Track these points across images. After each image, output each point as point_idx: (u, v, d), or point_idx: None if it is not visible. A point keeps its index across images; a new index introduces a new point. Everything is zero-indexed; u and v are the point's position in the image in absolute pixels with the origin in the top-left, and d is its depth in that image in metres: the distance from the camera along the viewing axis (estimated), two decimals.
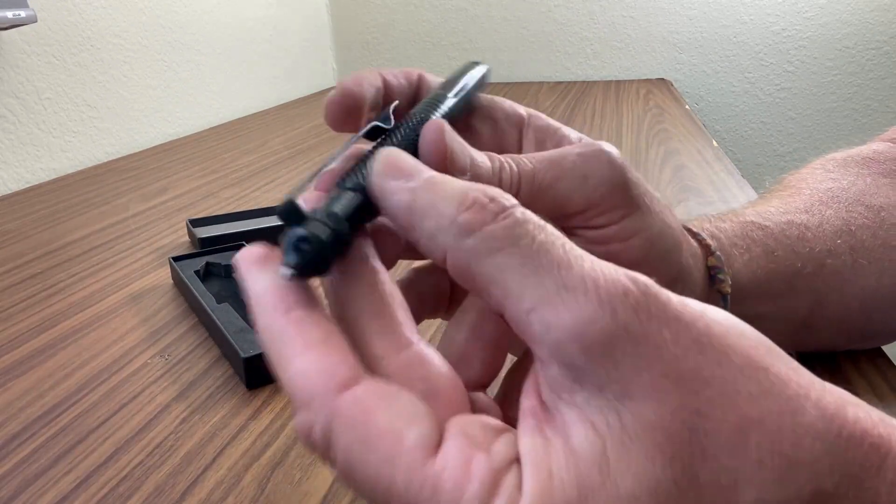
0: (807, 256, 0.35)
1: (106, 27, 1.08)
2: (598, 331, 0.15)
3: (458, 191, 0.17)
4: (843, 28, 1.60)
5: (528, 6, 1.74)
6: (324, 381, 0.16)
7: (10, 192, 0.89)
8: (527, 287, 0.16)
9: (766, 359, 0.17)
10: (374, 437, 0.16)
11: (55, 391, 0.40)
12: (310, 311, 0.18)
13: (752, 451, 0.15)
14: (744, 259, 0.33)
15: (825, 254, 0.35)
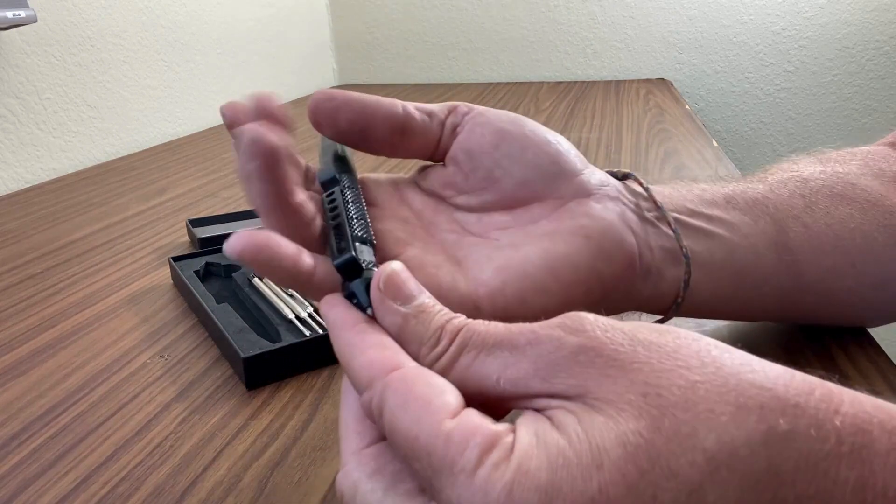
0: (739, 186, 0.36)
1: (106, 27, 1.08)
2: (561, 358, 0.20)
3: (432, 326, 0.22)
4: (843, 28, 1.60)
5: (528, 6, 1.74)
6: (380, 366, 0.21)
7: (10, 192, 0.89)
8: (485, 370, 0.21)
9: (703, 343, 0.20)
10: (410, 401, 0.20)
11: (55, 391, 0.40)
12: (370, 325, 0.23)
13: (701, 403, 0.18)
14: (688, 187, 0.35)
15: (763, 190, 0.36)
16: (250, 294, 0.48)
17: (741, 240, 0.34)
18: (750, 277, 0.34)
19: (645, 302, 0.32)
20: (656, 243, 0.31)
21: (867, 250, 0.36)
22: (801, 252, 0.35)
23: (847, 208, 0.36)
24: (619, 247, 0.29)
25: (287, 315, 0.44)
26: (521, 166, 0.30)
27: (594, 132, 1.06)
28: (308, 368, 0.41)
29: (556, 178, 0.30)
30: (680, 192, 0.35)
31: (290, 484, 0.31)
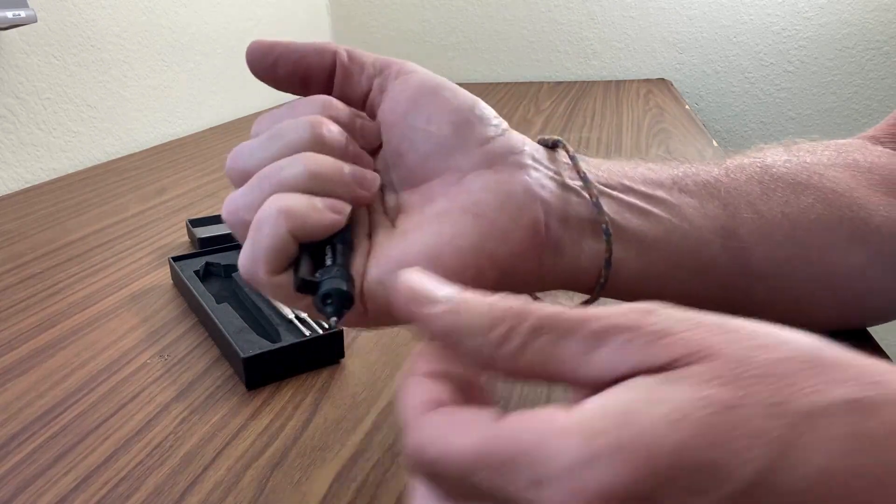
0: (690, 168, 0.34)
1: (106, 27, 1.08)
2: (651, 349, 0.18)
3: (484, 311, 0.19)
4: (843, 28, 1.60)
5: (528, 6, 1.74)
6: None
7: (10, 192, 0.89)
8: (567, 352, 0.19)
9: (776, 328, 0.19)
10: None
11: (55, 391, 0.40)
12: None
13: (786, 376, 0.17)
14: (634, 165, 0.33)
15: (718, 174, 0.35)
16: (250, 294, 0.48)
17: (681, 222, 0.32)
18: (690, 261, 0.32)
19: (564, 278, 0.30)
20: (574, 213, 0.29)
21: (827, 244, 0.34)
22: (751, 240, 0.33)
23: (809, 198, 0.35)
24: (515, 223, 0.27)
25: (287, 315, 0.44)
26: (424, 139, 0.28)
27: (594, 132, 1.06)
28: (308, 368, 0.41)
29: (456, 149, 0.28)
30: (622, 168, 0.33)
31: (290, 484, 0.31)
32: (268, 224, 0.25)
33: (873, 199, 0.36)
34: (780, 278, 0.34)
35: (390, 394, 0.38)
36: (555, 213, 0.28)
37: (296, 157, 0.27)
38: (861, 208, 0.35)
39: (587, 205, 0.30)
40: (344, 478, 0.31)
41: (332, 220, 0.26)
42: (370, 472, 0.31)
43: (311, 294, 0.25)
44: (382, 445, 0.33)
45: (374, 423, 0.35)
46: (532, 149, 0.30)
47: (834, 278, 0.35)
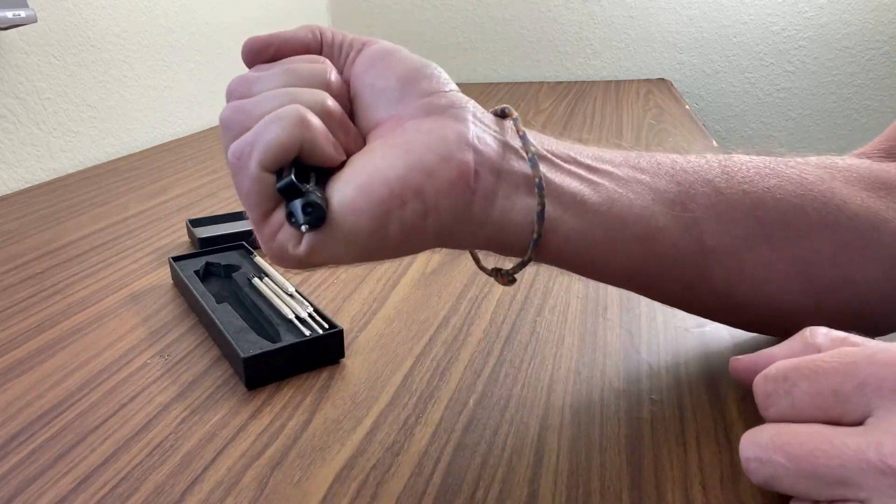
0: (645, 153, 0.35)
1: (106, 27, 1.08)
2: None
3: None
4: (843, 28, 1.60)
5: (528, 6, 1.74)
6: None
7: (10, 192, 0.89)
8: None
9: None
10: None
11: (55, 391, 0.40)
12: None
13: None
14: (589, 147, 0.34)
15: (676, 157, 0.35)
16: (250, 294, 0.48)
17: (627, 191, 0.32)
18: (636, 229, 0.32)
19: (496, 234, 0.30)
20: (508, 168, 0.30)
21: (792, 226, 0.34)
22: (704, 213, 0.33)
23: (774, 180, 0.34)
24: (444, 161, 0.28)
25: (287, 315, 0.44)
26: (372, 92, 0.30)
27: (594, 132, 1.06)
28: (308, 368, 0.41)
29: (400, 100, 0.29)
30: (573, 145, 0.33)
31: (290, 484, 0.31)
32: (286, 122, 0.27)
33: (848, 190, 0.35)
34: (739, 258, 0.33)
35: (390, 394, 0.38)
36: (487, 164, 0.29)
37: (316, 91, 0.29)
38: (834, 196, 0.34)
39: (523, 162, 0.30)
40: (344, 478, 0.31)
41: (333, 156, 0.28)
42: (370, 472, 0.31)
43: (291, 199, 0.27)
44: (382, 445, 0.33)
45: (374, 423, 0.35)
46: (476, 108, 0.30)
47: (801, 264, 0.34)
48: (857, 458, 0.21)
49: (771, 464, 0.24)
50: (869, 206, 0.35)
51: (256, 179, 0.27)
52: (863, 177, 0.36)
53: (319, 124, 0.27)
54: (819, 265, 0.34)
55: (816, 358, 0.24)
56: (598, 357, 0.41)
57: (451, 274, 0.54)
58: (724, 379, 0.37)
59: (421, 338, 0.44)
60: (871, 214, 0.35)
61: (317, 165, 0.28)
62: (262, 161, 0.27)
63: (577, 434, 0.33)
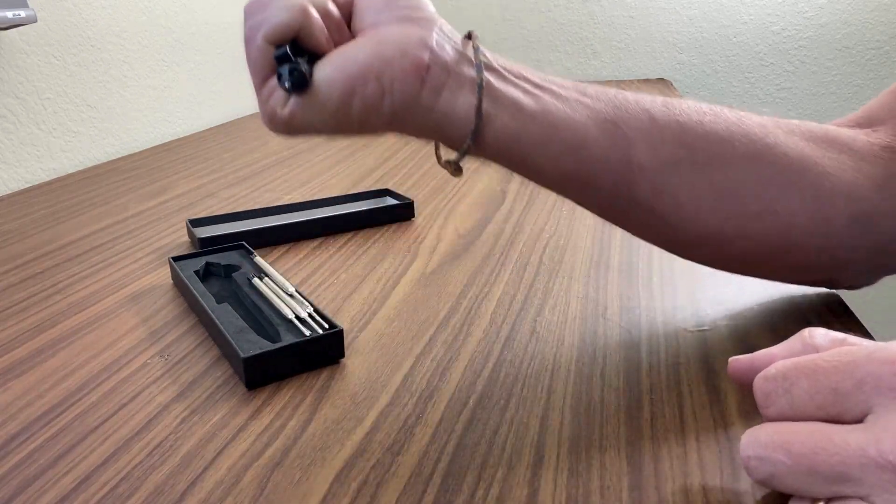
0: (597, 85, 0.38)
1: (106, 27, 1.08)
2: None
3: None
4: (843, 28, 1.60)
5: (528, 6, 1.74)
6: None
7: (10, 192, 0.89)
8: None
9: None
10: None
11: (55, 391, 0.40)
12: None
13: None
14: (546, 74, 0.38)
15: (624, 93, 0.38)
16: (250, 294, 0.48)
17: (565, 106, 0.36)
18: (566, 135, 0.35)
19: (441, 122, 0.35)
20: (457, 69, 0.35)
21: (717, 153, 0.37)
22: (634, 134, 0.36)
23: (711, 117, 0.37)
24: (402, 53, 0.34)
25: (287, 315, 0.44)
26: (363, 4, 0.36)
27: None
28: (308, 368, 0.41)
29: (382, 11, 0.35)
30: (532, 70, 0.38)
31: (290, 484, 0.31)
32: (291, 9, 0.34)
33: (786, 138, 0.38)
34: (664, 177, 0.37)
35: (390, 394, 0.38)
36: (440, 63, 0.35)
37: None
38: (768, 135, 0.37)
39: (473, 69, 0.35)
40: (344, 478, 0.31)
41: (323, 44, 0.35)
42: (370, 472, 0.31)
43: (284, 63, 0.34)
44: (382, 445, 0.33)
45: (374, 423, 0.35)
46: (444, 24, 0.36)
47: (724, 191, 0.37)
48: (858, 454, 0.21)
49: (771, 461, 0.24)
50: (802, 151, 0.38)
51: (260, 49, 0.34)
52: (808, 130, 0.39)
53: (316, 16, 0.34)
54: (742, 194, 0.37)
55: (815, 357, 0.25)
56: (598, 357, 0.41)
57: (451, 274, 0.54)
58: (724, 379, 0.37)
59: (421, 338, 0.44)
60: (803, 157, 0.37)
61: (311, 51, 0.35)
62: (266, 35, 0.34)
63: (577, 434, 0.33)
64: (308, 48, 0.35)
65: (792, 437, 0.24)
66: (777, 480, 0.24)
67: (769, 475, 0.24)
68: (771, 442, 0.24)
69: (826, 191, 0.37)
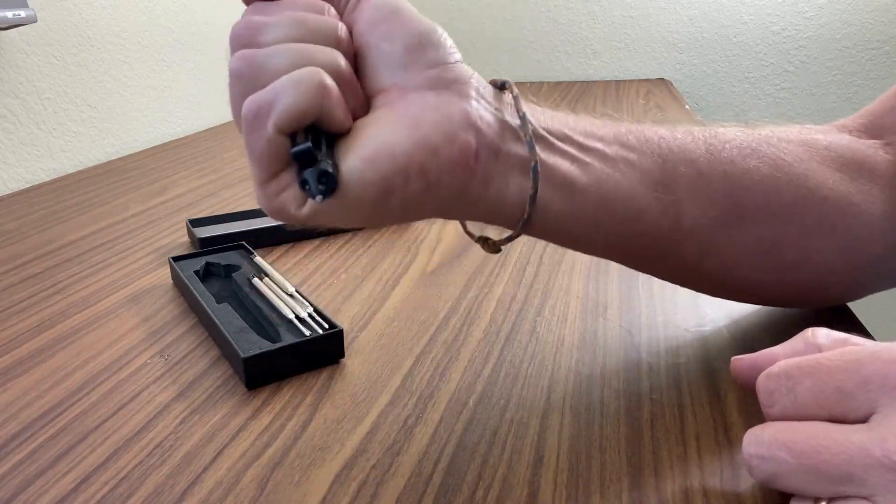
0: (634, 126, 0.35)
1: (106, 27, 1.08)
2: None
3: None
4: (843, 28, 1.60)
5: (528, 6, 1.74)
6: None
7: (10, 192, 0.89)
8: None
9: None
10: None
11: (55, 391, 0.40)
12: None
13: None
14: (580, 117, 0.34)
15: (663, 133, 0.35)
16: (250, 294, 0.48)
17: (614, 171, 0.33)
18: (619, 210, 0.33)
19: (490, 209, 0.31)
20: (506, 149, 0.30)
21: (765, 207, 0.35)
22: (685, 195, 0.34)
23: (754, 161, 0.35)
24: (448, 141, 0.28)
25: (287, 315, 0.44)
26: (376, 55, 0.30)
27: None
28: (308, 368, 0.41)
29: (405, 68, 0.29)
30: (567, 119, 0.34)
31: (291, 484, 0.31)
32: (307, 88, 0.26)
33: (823, 172, 0.37)
34: (712, 235, 0.35)
35: (390, 394, 0.38)
36: (487, 144, 0.29)
37: (331, 51, 0.28)
38: (808, 178, 0.36)
39: (521, 143, 0.31)
40: (344, 478, 0.31)
41: (345, 123, 0.28)
42: (370, 472, 0.31)
43: (305, 166, 0.26)
44: (382, 445, 0.33)
45: (374, 423, 0.35)
46: (479, 83, 0.30)
47: (769, 244, 0.36)
48: (862, 454, 0.21)
49: (774, 460, 0.24)
50: (839, 189, 0.37)
51: (271, 141, 0.27)
52: (840, 156, 0.38)
53: (337, 92, 0.27)
54: (785, 245, 0.36)
55: (820, 356, 0.25)
56: (598, 357, 0.41)
57: (451, 274, 0.54)
58: (724, 379, 0.37)
59: (421, 338, 0.44)
60: (840, 198, 0.37)
61: (328, 131, 0.28)
62: (278, 124, 0.26)
63: (577, 434, 0.33)
64: (327, 130, 0.28)
65: (795, 435, 0.23)
66: (779, 480, 0.24)
67: (771, 474, 0.24)
68: (774, 441, 0.24)
69: (861, 232, 0.37)
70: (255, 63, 0.27)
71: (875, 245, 0.37)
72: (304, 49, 0.28)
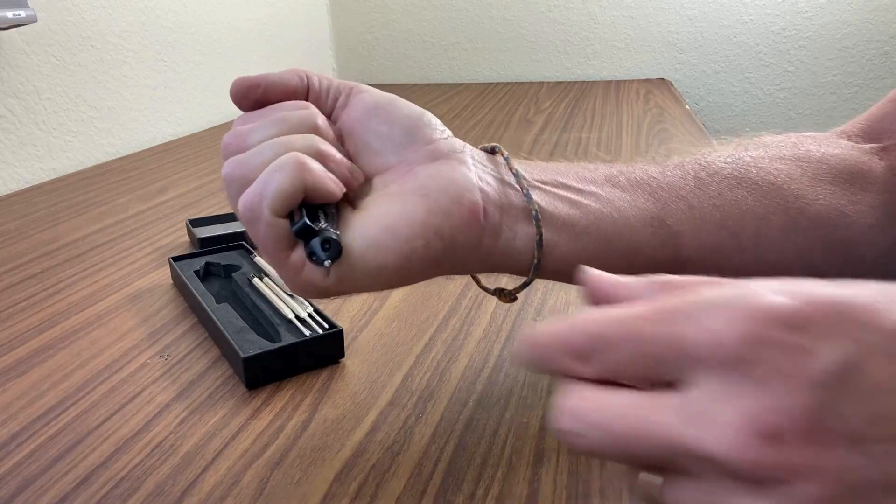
0: (625, 167, 0.37)
1: (106, 27, 1.08)
2: None
3: None
4: (843, 28, 1.60)
5: (528, 6, 1.74)
6: None
7: (10, 192, 0.89)
8: None
9: None
10: None
11: (55, 391, 0.40)
12: None
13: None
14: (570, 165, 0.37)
15: (653, 171, 0.37)
16: (250, 294, 0.48)
17: (611, 211, 0.35)
18: (620, 245, 0.35)
19: (503, 259, 0.34)
20: (509, 203, 0.33)
21: (758, 232, 0.36)
22: (681, 228, 0.36)
23: (742, 191, 0.37)
24: (457, 202, 0.31)
25: (287, 315, 0.44)
26: (380, 140, 0.33)
27: (594, 132, 1.06)
28: (308, 368, 0.41)
29: (406, 147, 0.33)
30: (558, 167, 0.36)
31: (290, 484, 0.31)
32: (288, 170, 0.29)
33: (814, 188, 0.38)
34: (712, 263, 0.36)
35: (390, 394, 0.38)
36: (492, 202, 0.33)
37: (308, 136, 0.31)
38: (798, 199, 0.37)
39: (520, 195, 0.34)
40: (344, 478, 0.31)
41: (334, 191, 0.30)
42: (370, 472, 0.31)
43: (308, 239, 0.29)
44: (382, 445, 0.33)
45: (374, 423, 0.35)
46: (472, 151, 0.34)
47: (769, 265, 0.37)
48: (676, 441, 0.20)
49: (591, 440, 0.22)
50: (832, 204, 0.37)
51: (271, 226, 0.29)
52: (832, 167, 0.39)
53: (318, 166, 0.30)
54: (785, 263, 0.37)
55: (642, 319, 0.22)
56: None
57: None
58: None
59: (421, 338, 0.44)
60: (832, 211, 0.37)
61: (322, 203, 0.30)
62: (272, 208, 0.29)
63: None
64: (322, 202, 0.30)
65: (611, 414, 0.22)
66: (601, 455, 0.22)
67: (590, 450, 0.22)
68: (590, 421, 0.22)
69: (855, 241, 0.38)
70: (242, 165, 0.30)
71: (869, 250, 0.38)
72: (283, 140, 0.30)
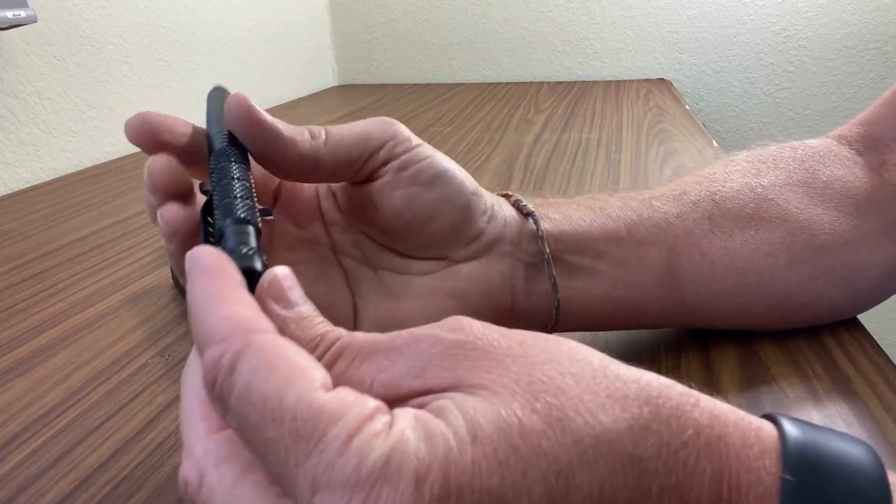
0: (647, 212, 0.37)
1: (106, 27, 1.08)
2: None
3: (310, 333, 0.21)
4: (843, 28, 1.60)
5: (528, 6, 1.74)
6: (246, 323, 0.19)
7: (10, 192, 0.89)
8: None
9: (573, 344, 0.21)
10: (280, 363, 0.18)
11: (55, 391, 0.40)
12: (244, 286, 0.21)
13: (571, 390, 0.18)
14: (570, 209, 0.37)
15: (672, 215, 0.37)
16: None
17: (625, 274, 0.36)
18: (629, 303, 0.36)
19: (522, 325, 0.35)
20: (535, 289, 0.35)
21: (765, 269, 0.37)
22: (689, 276, 0.37)
23: (751, 230, 0.37)
24: (489, 306, 0.33)
25: None
26: (425, 233, 0.32)
27: (594, 132, 1.06)
28: None
29: (451, 245, 0.33)
30: (581, 224, 0.36)
31: None
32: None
33: (821, 216, 0.38)
34: (717, 305, 0.38)
35: None
36: (521, 293, 0.34)
37: None
38: (804, 230, 0.38)
39: (546, 282, 0.35)
40: None
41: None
42: None
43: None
44: None
45: None
46: (511, 232, 0.34)
47: (774, 300, 0.38)
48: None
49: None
50: (836, 231, 0.38)
51: None
52: (837, 192, 0.39)
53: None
54: (789, 296, 0.38)
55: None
56: None
57: None
58: (725, 380, 0.37)
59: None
60: (837, 239, 0.38)
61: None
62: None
63: None
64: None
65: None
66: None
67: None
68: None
69: (858, 264, 0.38)
70: None
71: (871, 270, 0.39)
72: None
